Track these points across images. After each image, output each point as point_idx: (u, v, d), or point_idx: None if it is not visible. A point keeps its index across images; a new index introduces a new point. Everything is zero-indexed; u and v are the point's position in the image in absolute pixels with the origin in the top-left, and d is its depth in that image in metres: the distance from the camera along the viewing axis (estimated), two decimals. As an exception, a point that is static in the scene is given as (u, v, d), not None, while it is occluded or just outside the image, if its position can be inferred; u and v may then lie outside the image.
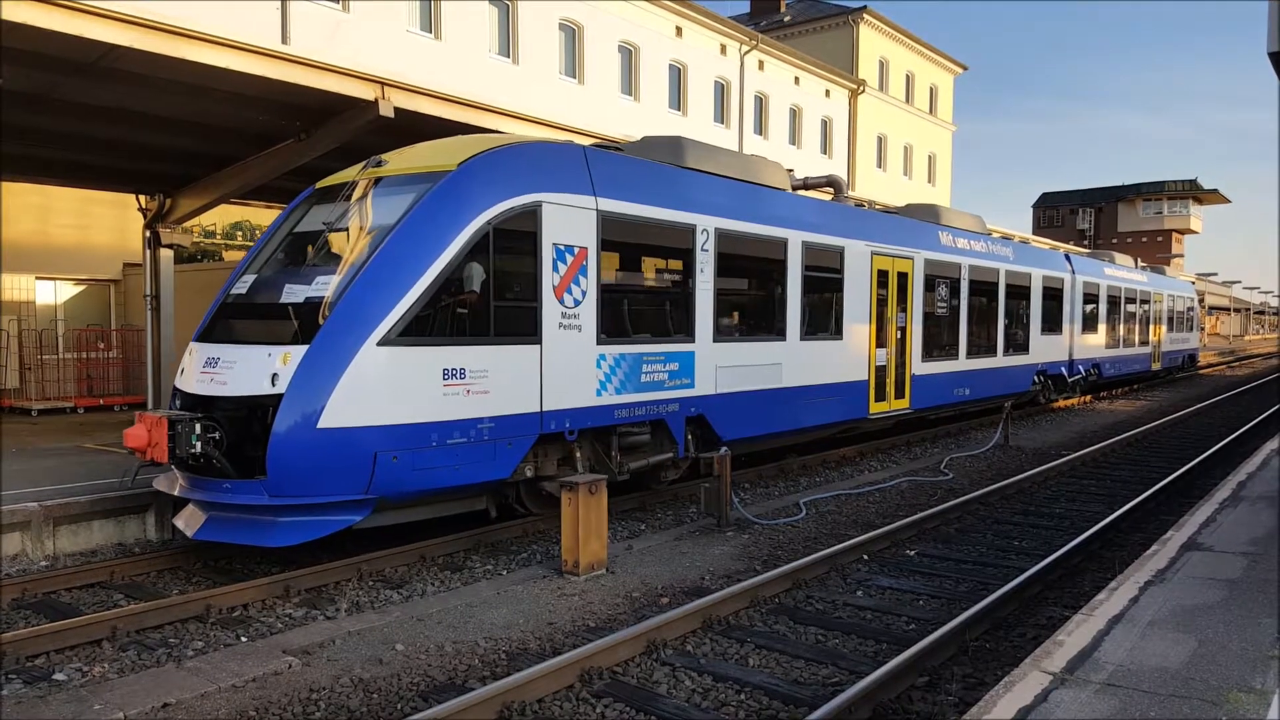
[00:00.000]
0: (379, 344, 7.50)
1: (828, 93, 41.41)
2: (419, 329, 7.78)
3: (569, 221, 9.01)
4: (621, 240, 9.79)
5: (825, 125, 41.67)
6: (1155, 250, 73.35)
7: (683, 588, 7.75)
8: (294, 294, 7.98)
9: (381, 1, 22.95)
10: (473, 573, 8.21)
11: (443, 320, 8.03)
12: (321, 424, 7.26)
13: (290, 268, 8.56)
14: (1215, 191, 76.62)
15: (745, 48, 35.91)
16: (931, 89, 49.56)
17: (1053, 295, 21.03)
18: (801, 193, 13.90)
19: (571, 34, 28.96)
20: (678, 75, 33.38)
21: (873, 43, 44.06)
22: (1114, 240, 75.88)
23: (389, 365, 7.58)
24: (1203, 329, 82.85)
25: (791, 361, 12.29)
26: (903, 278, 14.96)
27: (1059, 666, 4.81)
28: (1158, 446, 16.46)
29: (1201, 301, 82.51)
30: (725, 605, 6.96)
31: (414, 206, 8.10)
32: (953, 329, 16.67)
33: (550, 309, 8.82)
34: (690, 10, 32.73)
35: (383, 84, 10.99)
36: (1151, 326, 28.99)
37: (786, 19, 45.65)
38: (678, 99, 33.47)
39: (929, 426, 17.88)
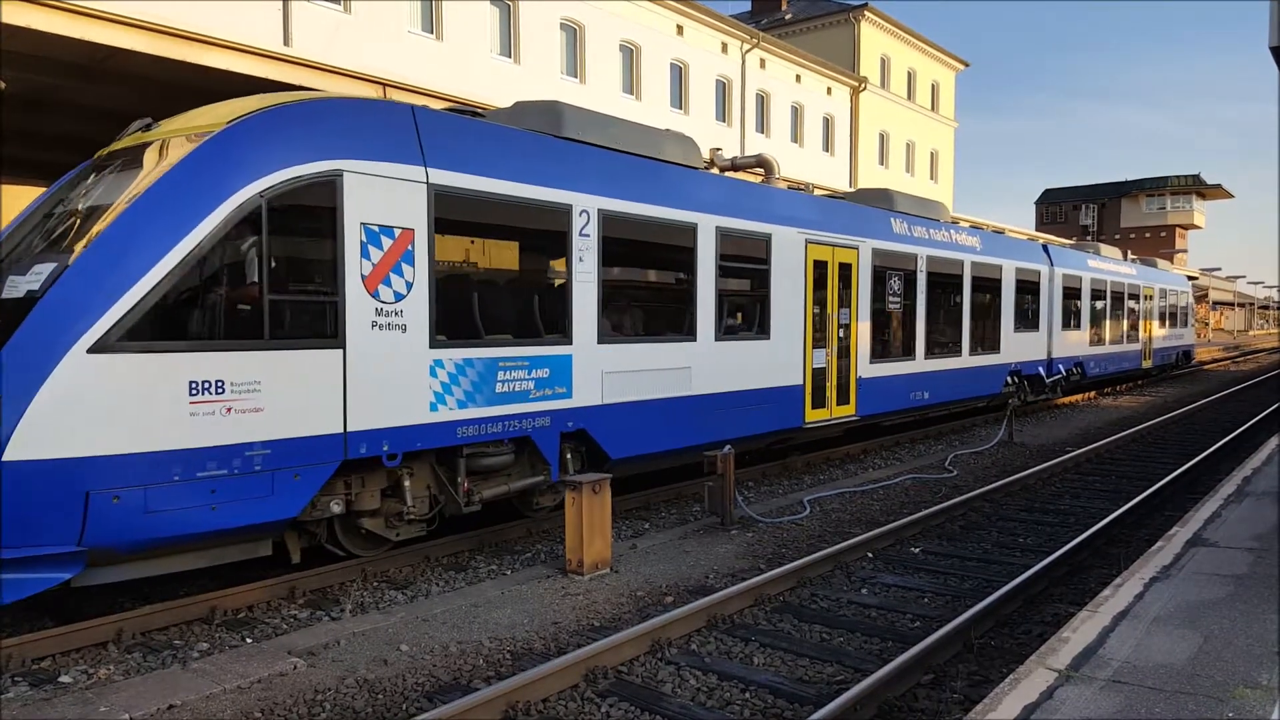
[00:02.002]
0: (91, 350, 5.90)
1: (829, 90, 41.38)
2: (154, 330, 6.18)
3: (387, 197, 7.38)
4: (468, 221, 8.15)
5: (827, 123, 41.63)
6: (1159, 246, 73.22)
7: (687, 586, 7.75)
8: (14, 288, 6.35)
9: (382, 1, 22.96)
10: (477, 573, 8.22)
11: (191, 319, 6.43)
12: (8, 455, 5.64)
13: (22, 255, 6.83)
14: (1218, 187, 76.43)
15: (746, 46, 35.89)
16: (933, 86, 49.49)
17: (1028, 289, 19.54)
18: (729, 174, 12.63)
19: (573, 33, 28.96)
20: (679, 74, 33.37)
21: (874, 40, 44.01)
22: (1116, 236, 75.77)
23: (106, 378, 5.96)
24: (1207, 324, 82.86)
25: (704, 365, 10.77)
26: (845, 269, 13.37)
27: (1064, 663, 4.81)
28: (1162, 442, 16.42)
29: (1205, 297, 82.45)
30: (730, 604, 6.96)
31: (161, 175, 6.56)
32: (908, 326, 15.14)
33: (359, 304, 7.17)
34: (691, 9, 32.72)
35: (384, 85, 11.03)
36: (1141, 322, 27.59)
37: (788, 17, 45.61)
38: (679, 98, 33.46)
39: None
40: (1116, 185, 79.73)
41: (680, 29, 32.87)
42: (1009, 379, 18.94)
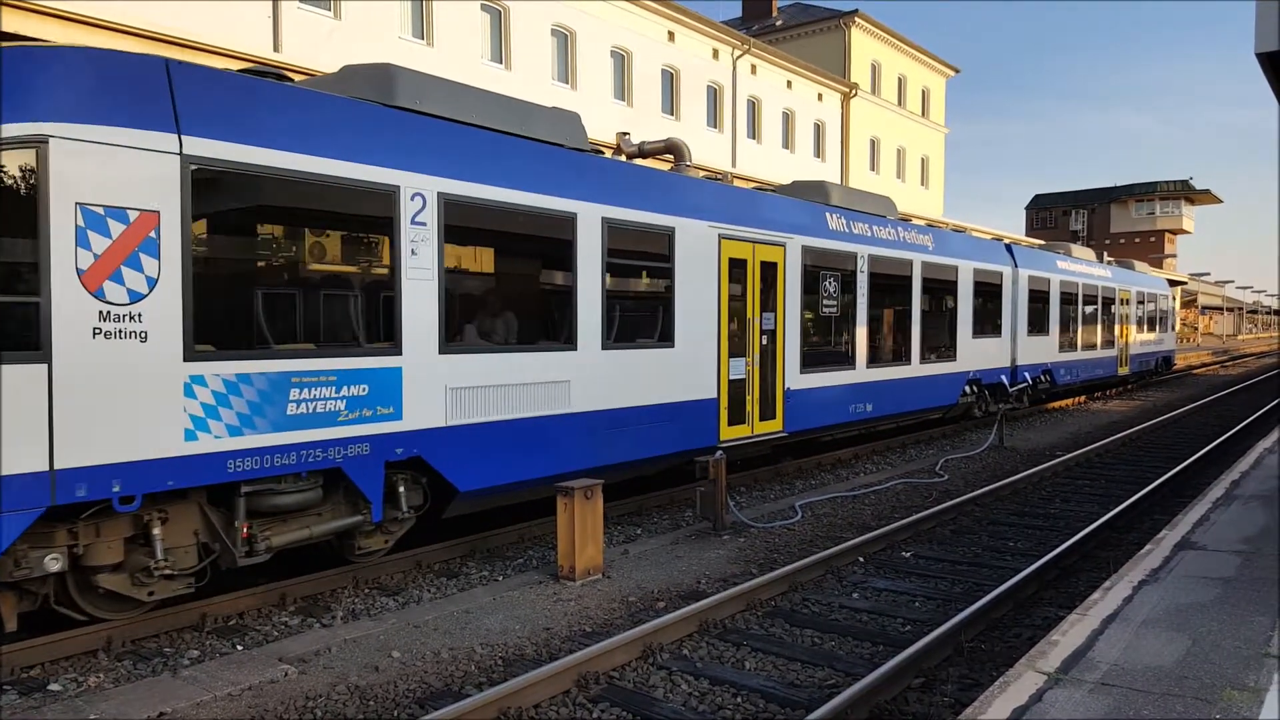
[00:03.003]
0: None
1: (820, 96, 41.51)
2: None
3: (118, 171, 5.91)
4: (247, 204, 6.69)
5: (818, 129, 41.76)
6: (1148, 250, 73.62)
7: (679, 592, 7.76)
8: None
9: (374, 3, 22.97)
10: (469, 579, 8.21)
11: None
12: None
13: None
14: (1207, 192, 76.95)
15: (737, 52, 35.99)
16: (923, 92, 49.70)
17: (989, 292, 18.31)
18: (619, 158, 11.42)
19: (564, 39, 29.00)
20: (670, 80, 33.44)
21: (864, 46, 44.19)
22: (1106, 241, 76.18)
23: None
24: (1196, 328, 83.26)
25: (588, 378, 9.39)
26: (769, 269, 12.01)
27: (1053, 666, 4.83)
28: (1152, 446, 16.50)
29: (1194, 301, 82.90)
30: (721, 609, 6.97)
31: None
32: (847, 333, 13.87)
33: (73, 305, 5.72)
34: (682, 15, 32.80)
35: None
36: (1117, 327, 26.24)
37: (778, 23, 45.77)
38: (670, 103, 33.53)
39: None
40: (1106, 190, 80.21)
41: (671, 35, 32.95)
42: (967, 388, 17.73)
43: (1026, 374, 20.16)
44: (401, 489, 7.88)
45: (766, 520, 10.34)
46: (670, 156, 12.23)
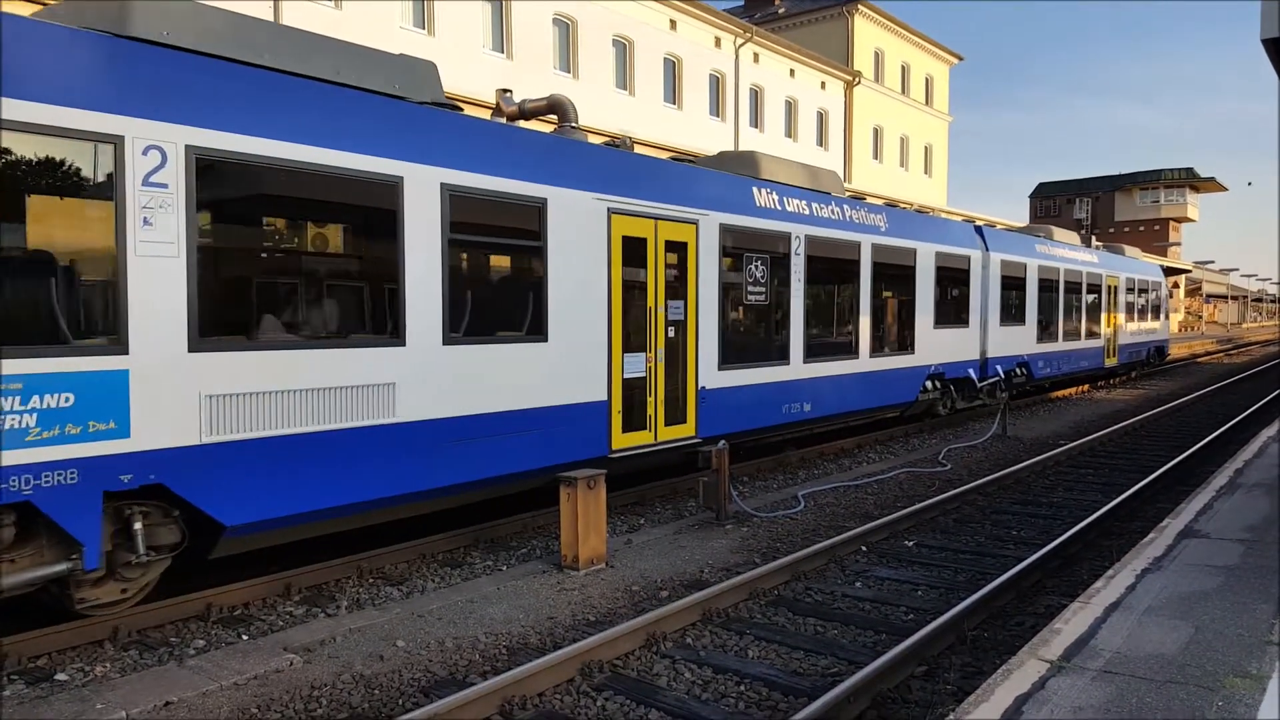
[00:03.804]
0: None
1: (823, 85, 41.38)
2: None
3: None
4: None
5: (821, 117, 41.64)
6: (1152, 239, 73.41)
7: (682, 581, 7.78)
8: None
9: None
10: (473, 568, 8.23)
11: None
12: None
13: None
14: (1212, 180, 76.64)
15: (740, 40, 35.86)
16: (927, 80, 49.52)
17: (954, 278, 16.75)
18: (499, 120, 9.98)
19: (565, 28, 28.91)
20: (672, 69, 33.35)
21: (867, 34, 44.01)
22: (1110, 229, 75.95)
23: None
24: (1200, 317, 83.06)
25: (422, 379, 7.79)
26: (678, 250, 10.50)
27: (1056, 654, 4.84)
28: (1155, 435, 16.49)
29: (1198, 290, 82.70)
30: (724, 598, 6.99)
31: None
32: (779, 323, 12.31)
33: None
34: (684, 3, 32.69)
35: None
36: (1104, 315, 24.65)
37: (781, 11, 45.59)
38: (672, 92, 33.44)
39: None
40: (1110, 179, 79.93)
41: (674, 23, 32.84)
42: (928, 384, 16.19)
43: (998, 367, 18.57)
44: (138, 525, 6.24)
45: (769, 510, 10.35)
46: (554, 117, 10.42)
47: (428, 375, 7.86)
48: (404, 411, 7.68)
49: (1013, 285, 19.17)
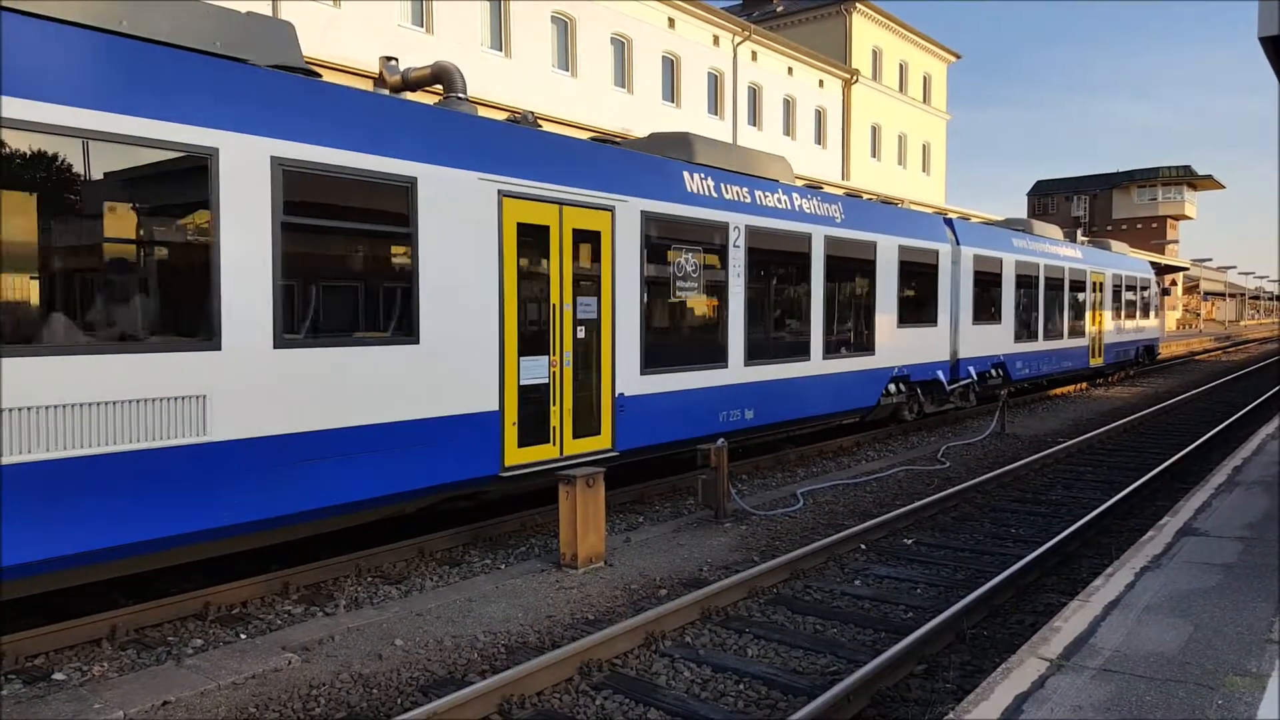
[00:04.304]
0: None
1: (821, 83, 41.36)
2: None
3: None
4: None
5: (819, 115, 41.63)
6: (1150, 236, 73.47)
7: (681, 579, 7.77)
8: None
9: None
10: (471, 567, 8.22)
11: None
12: None
13: None
14: (1209, 177, 76.69)
15: (738, 38, 35.84)
16: (925, 78, 49.52)
17: (921, 273, 15.67)
18: (382, 91, 8.89)
19: (564, 26, 28.88)
20: (671, 67, 33.32)
21: (865, 32, 44.00)
22: (1109, 227, 75.99)
23: None
24: (1199, 314, 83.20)
25: (244, 390, 6.58)
26: (589, 240, 9.39)
27: (1056, 653, 4.84)
28: (1154, 432, 16.50)
29: (1196, 287, 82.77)
30: (723, 596, 6.98)
31: None
32: (715, 323, 11.21)
33: None
34: (683, 1, 32.66)
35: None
36: (1089, 313, 23.63)
37: (779, 9, 45.58)
38: (671, 91, 33.43)
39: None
40: (1108, 177, 79.96)
41: (672, 22, 32.82)
42: (891, 387, 15.03)
43: (971, 368, 17.43)
44: None
45: (768, 508, 10.35)
46: (439, 88, 9.18)
47: (254, 385, 6.63)
48: (221, 429, 6.44)
49: (987, 281, 18.14)
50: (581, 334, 9.33)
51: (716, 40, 35.12)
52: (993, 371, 18.52)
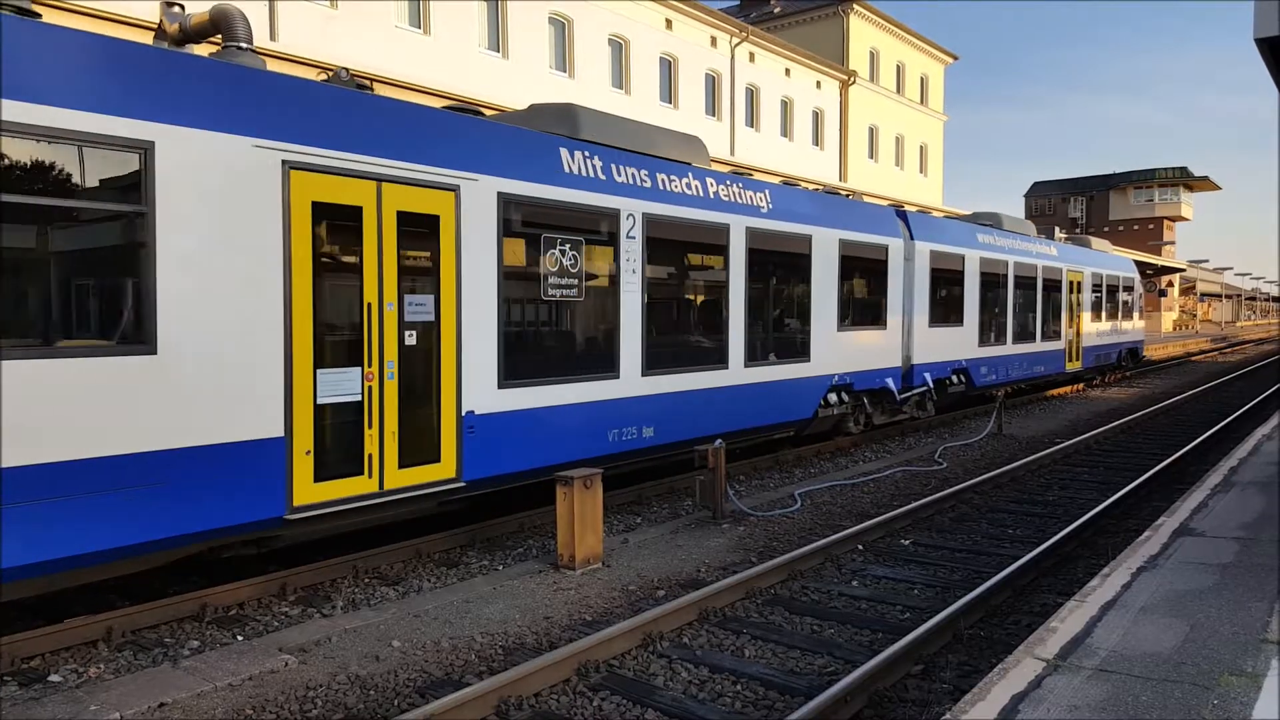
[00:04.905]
0: None
1: (819, 84, 41.39)
2: None
3: None
4: None
5: (817, 117, 41.66)
6: (1147, 237, 73.54)
7: (678, 580, 7.77)
8: None
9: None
10: (469, 568, 8.22)
11: None
12: None
13: None
14: (1206, 179, 76.79)
15: (735, 40, 35.86)
16: (922, 79, 49.56)
17: (867, 270, 14.26)
18: (162, 45, 7.19)
19: (561, 27, 28.89)
20: (668, 68, 33.33)
21: (863, 33, 44.04)
22: (1105, 228, 76.06)
23: None
24: (1195, 315, 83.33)
25: None
26: (423, 225, 7.82)
27: (1052, 653, 4.84)
28: (1150, 433, 16.53)
29: (1193, 288, 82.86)
30: (721, 597, 6.98)
31: None
32: (602, 326, 9.73)
33: None
34: (680, 3, 32.68)
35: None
36: (1066, 315, 22.31)
37: (776, 10, 45.61)
38: (669, 92, 33.43)
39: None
40: (1104, 178, 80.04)
41: (669, 23, 32.83)
42: (831, 396, 13.57)
43: (927, 375, 16.05)
44: None
45: (766, 509, 10.35)
46: (218, 37, 7.54)
47: None
48: None
49: (947, 280, 16.68)
50: (413, 339, 7.76)
51: (714, 41, 35.14)
52: (954, 378, 17.24)
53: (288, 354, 6.86)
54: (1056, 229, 24.92)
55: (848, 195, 15.65)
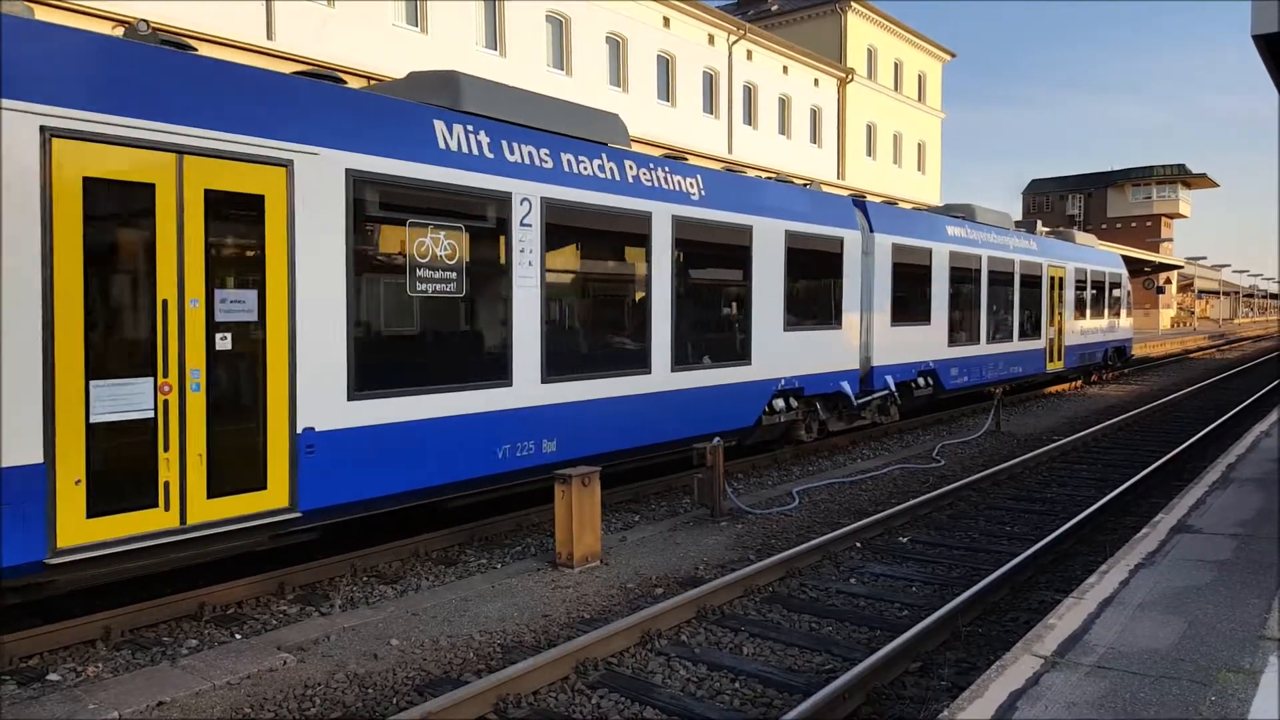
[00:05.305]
0: None
1: (816, 82, 41.37)
2: None
3: None
4: None
5: (814, 114, 41.63)
6: (1145, 235, 73.60)
7: (677, 578, 7.77)
8: None
9: (367, -5, 22.85)
10: (467, 566, 8.22)
11: None
12: None
13: None
14: (1204, 176, 76.85)
15: (733, 37, 35.83)
16: (920, 77, 49.54)
17: (818, 265, 13.13)
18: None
19: (559, 25, 28.86)
20: (666, 66, 33.30)
21: (860, 31, 44.02)
22: (1103, 226, 76.11)
23: None
24: (1193, 312, 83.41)
25: None
26: (243, 206, 6.63)
27: (1050, 650, 4.85)
28: (1149, 430, 16.54)
29: (1191, 285, 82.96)
30: (719, 595, 6.99)
31: None
32: (489, 325, 8.48)
33: None
34: (678, 1, 32.65)
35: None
36: (1046, 312, 21.22)
37: (774, 8, 45.57)
38: (666, 89, 33.40)
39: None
40: (1103, 175, 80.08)
41: (667, 21, 32.80)
42: (777, 403, 12.38)
43: (889, 377, 14.86)
44: None
45: (764, 506, 10.36)
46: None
47: None
48: None
49: (911, 275, 15.53)
50: (227, 343, 6.50)
51: (712, 39, 35.11)
52: (920, 380, 16.04)
53: (48, 362, 5.64)
54: (1039, 223, 23.72)
55: (807, 184, 14.17)
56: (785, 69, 39.27)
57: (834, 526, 9.46)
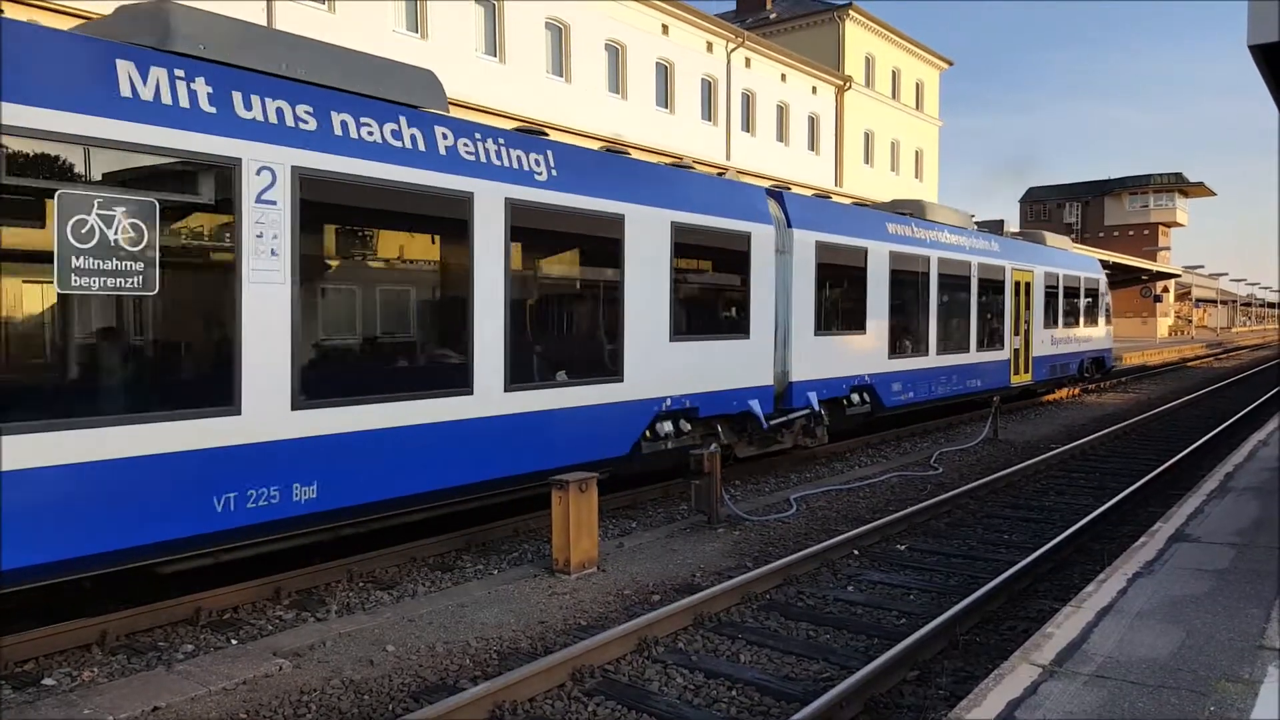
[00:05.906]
0: None
1: (814, 89, 41.48)
2: None
3: None
4: None
5: (812, 122, 41.73)
6: (1142, 243, 73.78)
7: (674, 585, 7.76)
8: None
9: (367, 1, 22.89)
10: (463, 572, 8.20)
11: None
12: None
13: None
14: (1201, 184, 77.04)
15: (732, 45, 35.92)
16: (917, 85, 49.68)
17: (720, 264, 11.34)
18: None
19: (558, 32, 28.92)
20: (664, 73, 33.37)
21: (858, 39, 44.15)
22: (1100, 234, 76.29)
23: None
24: (1190, 321, 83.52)
25: None
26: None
27: (1048, 659, 4.84)
28: (1146, 439, 16.55)
29: (1188, 294, 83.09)
30: (716, 602, 6.97)
31: None
32: (202, 333, 6.51)
33: None
34: (677, 8, 32.73)
35: None
36: (1010, 320, 19.22)
37: (772, 16, 45.72)
38: (665, 97, 33.47)
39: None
40: (1100, 183, 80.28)
41: (666, 28, 32.88)
42: (663, 425, 10.51)
43: (811, 395, 12.88)
44: None
45: (761, 513, 10.34)
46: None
47: None
48: None
49: (842, 278, 13.70)
50: None
51: (710, 47, 35.19)
52: (854, 396, 14.09)
53: None
54: (1005, 222, 21.62)
55: (719, 172, 12.73)
56: (783, 76, 39.37)
57: (832, 534, 9.45)
